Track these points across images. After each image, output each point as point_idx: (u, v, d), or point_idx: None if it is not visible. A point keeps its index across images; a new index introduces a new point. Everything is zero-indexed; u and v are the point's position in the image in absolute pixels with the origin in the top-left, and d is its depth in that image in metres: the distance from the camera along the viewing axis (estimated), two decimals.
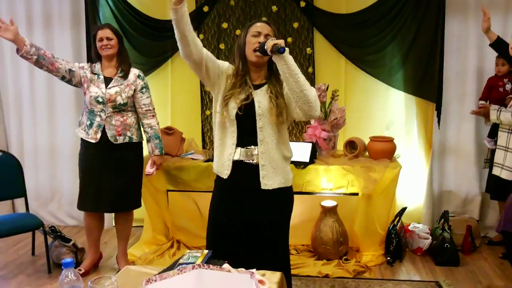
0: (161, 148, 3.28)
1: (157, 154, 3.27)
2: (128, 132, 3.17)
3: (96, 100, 3.10)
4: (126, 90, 3.13)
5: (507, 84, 3.68)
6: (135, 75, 3.19)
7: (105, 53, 3.13)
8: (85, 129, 3.17)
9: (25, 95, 4.50)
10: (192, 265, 1.50)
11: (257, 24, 2.21)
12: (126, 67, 3.18)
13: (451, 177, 4.17)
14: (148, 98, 3.22)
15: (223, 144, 2.26)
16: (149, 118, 3.23)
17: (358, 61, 4.08)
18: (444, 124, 4.04)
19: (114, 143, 3.13)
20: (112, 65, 3.19)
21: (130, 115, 3.19)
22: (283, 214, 2.35)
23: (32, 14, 4.38)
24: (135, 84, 3.17)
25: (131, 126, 3.19)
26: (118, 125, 3.13)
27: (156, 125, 3.25)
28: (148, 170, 3.29)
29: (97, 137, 3.12)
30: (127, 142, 3.17)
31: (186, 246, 3.84)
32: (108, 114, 3.12)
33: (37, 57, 2.97)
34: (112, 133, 3.12)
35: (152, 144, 3.26)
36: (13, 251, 3.91)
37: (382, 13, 3.93)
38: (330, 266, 3.46)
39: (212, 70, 2.20)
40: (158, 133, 3.27)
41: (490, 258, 3.66)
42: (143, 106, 3.20)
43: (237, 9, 4.10)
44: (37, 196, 4.54)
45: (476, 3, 3.88)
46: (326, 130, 3.72)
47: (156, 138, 3.25)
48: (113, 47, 3.14)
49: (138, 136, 3.25)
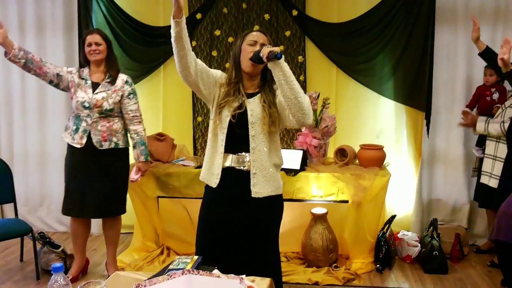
0: (146, 155, 3.26)
1: (142, 160, 3.25)
2: (114, 137, 3.16)
3: (83, 105, 3.09)
4: (113, 95, 3.13)
5: (495, 94, 3.73)
6: (122, 80, 3.19)
7: (93, 58, 3.13)
8: (71, 134, 3.16)
9: (16, 100, 4.49)
10: (182, 271, 1.50)
11: (253, 33, 2.23)
12: (114, 73, 3.18)
13: (440, 186, 4.21)
14: (135, 104, 3.21)
15: (214, 153, 2.27)
16: (136, 124, 3.21)
17: (349, 69, 4.12)
18: (433, 132, 4.08)
19: (100, 149, 3.12)
20: (100, 70, 3.19)
21: (116, 120, 3.18)
22: (273, 221, 2.35)
23: (25, 18, 4.38)
24: (123, 89, 3.16)
25: (117, 132, 3.18)
26: (104, 130, 3.12)
27: (142, 131, 3.23)
28: (133, 176, 3.27)
29: (82, 142, 3.11)
30: (112, 148, 3.16)
31: (176, 252, 3.82)
32: (94, 119, 3.11)
33: (25, 61, 2.98)
34: (97, 138, 3.11)
35: (138, 150, 3.23)
36: (1, 257, 3.88)
37: (373, 22, 3.98)
38: (320, 274, 3.47)
39: (206, 80, 2.21)
40: (144, 139, 3.25)
41: (478, 266, 3.69)
42: (129, 112, 3.19)
43: (229, 17, 4.13)
44: (26, 202, 4.51)
45: (465, 13, 3.95)
46: (317, 137, 3.74)
47: (142, 145, 3.23)
48: (102, 53, 3.14)
49: (124, 142, 3.23)
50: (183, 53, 2.05)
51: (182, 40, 2.01)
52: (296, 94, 2.05)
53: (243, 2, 4.09)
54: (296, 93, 2.05)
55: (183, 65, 2.09)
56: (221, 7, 4.12)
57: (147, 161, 3.29)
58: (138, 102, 3.26)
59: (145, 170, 3.33)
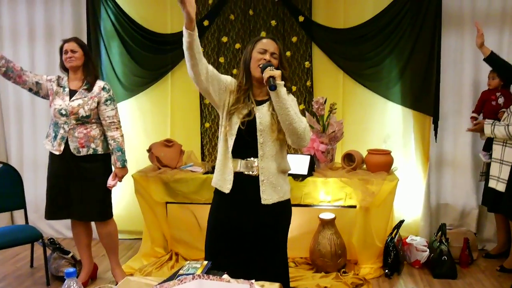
0: (122, 161, 3.21)
1: (119, 166, 3.21)
2: (93, 144, 3.16)
3: (60, 113, 3.12)
4: (89, 102, 3.13)
5: (500, 98, 3.73)
6: (99, 87, 3.20)
7: (68, 65, 3.16)
8: (50, 141, 3.19)
9: (26, 107, 4.54)
10: (192, 276, 1.52)
11: (264, 41, 2.25)
12: (91, 80, 3.19)
13: (448, 190, 4.19)
14: (112, 111, 3.20)
15: (225, 159, 2.28)
16: (113, 130, 3.20)
17: (356, 74, 4.12)
18: (441, 137, 4.08)
19: (78, 155, 3.13)
20: (77, 78, 3.21)
21: (94, 127, 3.18)
22: (281, 226, 2.36)
23: (34, 26, 4.43)
24: (99, 96, 3.17)
25: (96, 138, 3.18)
26: (81, 137, 3.13)
27: (119, 138, 3.20)
28: (109, 182, 3.23)
29: (60, 149, 3.13)
30: (91, 154, 3.16)
31: (184, 258, 3.84)
32: (71, 126, 3.12)
33: (5, 69, 3.02)
34: (74, 145, 3.13)
35: (115, 156, 3.21)
36: (11, 263, 3.91)
37: (379, 27, 3.99)
38: (328, 279, 3.47)
39: (217, 87, 2.24)
40: (121, 145, 3.21)
41: (488, 271, 3.67)
42: (107, 119, 3.18)
43: (236, 24, 4.16)
44: (36, 208, 4.53)
45: (471, 18, 3.95)
46: (324, 142, 3.75)
47: (118, 151, 3.19)
48: (77, 59, 3.15)
49: (104, 148, 3.22)
50: (193, 62, 2.09)
51: (193, 50, 2.05)
52: (291, 120, 2.10)
53: (249, 9, 4.12)
54: (291, 120, 2.10)
55: (194, 73, 2.13)
56: (228, 14, 4.15)
57: (123, 167, 3.23)
58: (116, 108, 3.25)
59: (122, 176, 3.27)
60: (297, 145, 2.19)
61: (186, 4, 1.90)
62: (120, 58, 4.31)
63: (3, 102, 4.59)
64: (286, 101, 2.09)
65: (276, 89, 2.07)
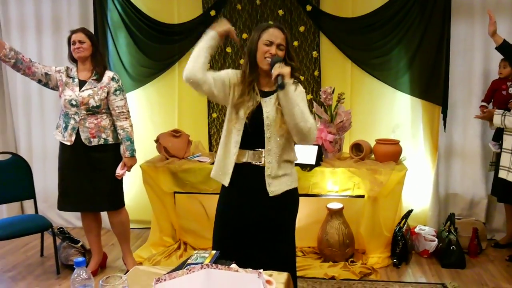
0: (131, 150, 3.24)
1: (128, 156, 3.24)
2: (103, 134, 3.19)
3: (70, 103, 3.13)
4: (99, 92, 3.15)
5: (510, 88, 3.69)
6: (109, 77, 3.21)
7: (77, 55, 3.16)
8: (61, 132, 3.21)
9: (34, 97, 4.57)
10: (201, 265, 1.52)
11: (270, 31, 2.18)
12: (100, 70, 3.20)
13: (457, 180, 4.17)
14: (122, 101, 3.22)
15: (227, 152, 2.27)
16: (122, 120, 3.22)
17: (364, 64, 4.09)
18: (450, 126, 4.05)
19: (89, 145, 3.16)
20: (86, 68, 3.22)
21: (105, 117, 3.20)
22: (289, 215, 2.36)
23: (41, 18, 4.45)
24: (109, 86, 3.18)
25: (106, 128, 3.20)
26: (92, 127, 3.15)
27: (128, 127, 3.23)
28: (118, 171, 3.25)
29: (71, 139, 3.16)
30: (102, 144, 3.18)
31: (192, 247, 3.86)
32: (82, 116, 3.14)
33: (15, 60, 3.03)
34: (86, 135, 3.15)
35: (124, 146, 3.23)
36: (21, 253, 3.96)
37: (388, 16, 3.95)
38: (336, 268, 3.48)
39: (221, 88, 2.21)
40: (130, 135, 3.23)
41: (497, 261, 3.66)
42: (116, 109, 3.20)
43: (243, 13, 4.14)
44: (46, 198, 4.57)
45: (482, 6, 3.90)
46: (332, 132, 3.73)
47: (127, 140, 3.22)
48: (85, 50, 3.16)
49: (114, 138, 3.24)
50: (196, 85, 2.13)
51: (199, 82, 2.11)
52: (296, 120, 2.07)
53: None
54: (296, 119, 2.07)
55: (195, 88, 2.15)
56: (234, 3, 4.13)
57: (132, 157, 3.26)
58: (126, 98, 3.27)
59: (131, 165, 3.30)
60: (301, 142, 2.18)
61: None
62: (127, 49, 4.31)
63: (12, 93, 4.62)
64: (293, 100, 2.06)
65: (284, 88, 2.03)
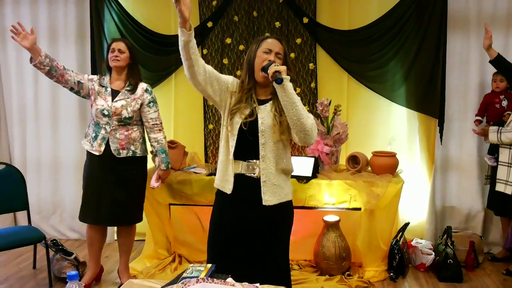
0: (167, 163, 3.28)
1: (163, 168, 3.27)
2: (132, 146, 3.17)
3: (102, 113, 3.12)
4: (133, 104, 3.15)
5: (504, 101, 3.71)
6: (142, 89, 3.21)
7: (113, 64, 3.16)
8: (90, 141, 3.18)
9: (29, 107, 4.54)
10: (196, 279, 1.50)
11: (269, 41, 2.22)
12: (134, 81, 3.19)
13: (454, 193, 4.16)
14: (155, 113, 3.23)
15: (227, 160, 2.26)
16: (156, 132, 3.22)
17: (361, 76, 4.10)
18: (446, 139, 4.05)
19: (117, 157, 3.14)
20: (121, 79, 3.21)
21: (135, 129, 3.20)
22: (283, 228, 2.34)
23: (38, 27, 4.42)
24: (142, 98, 3.18)
25: (136, 140, 3.19)
26: (122, 138, 3.14)
27: (162, 140, 3.25)
28: (153, 184, 3.30)
29: (101, 149, 3.13)
30: (130, 156, 3.17)
31: (187, 260, 3.82)
32: (113, 127, 3.13)
33: (49, 68, 3.02)
34: (115, 146, 3.13)
35: (158, 158, 3.26)
36: (14, 264, 3.90)
37: (384, 29, 3.97)
38: (333, 282, 3.44)
39: (217, 87, 2.22)
40: (165, 147, 3.26)
41: (493, 274, 3.64)
42: (150, 120, 3.20)
43: (240, 25, 4.15)
44: (39, 209, 4.54)
45: (477, 19, 3.93)
46: (329, 144, 3.73)
47: (162, 153, 3.25)
48: (122, 60, 3.16)
49: (142, 151, 3.25)
50: (189, 62, 2.07)
51: (188, 51, 2.03)
52: (299, 115, 2.05)
53: (253, 10, 4.10)
54: (299, 115, 2.05)
55: (191, 73, 2.11)
56: (232, 15, 4.15)
57: (167, 169, 3.31)
58: (159, 110, 3.28)
59: (165, 178, 3.36)
60: (304, 142, 2.14)
61: (180, 2, 1.90)
62: None
63: (7, 104, 4.59)
64: (293, 95, 2.05)
65: (283, 82, 2.02)
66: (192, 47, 2.04)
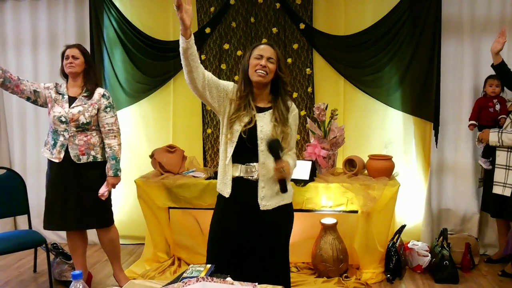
0: (115, 170, 3.18)
1: (111, 175, 3.17)
2: (92, 151, 3.15)
3: (59, 120, 3.10)
4: (90, 109, 3.12)
5: (497, 105, 3.75)
6: (99, 94, 3.18)
7: (68, 71, 3.14)
8: (49, 149, 3.16)
9: (29, 112, 4.57)
10: (196, 278, 1.54)
11: (260, 47, 2.27)
12: (91, 87, 3.17)
13: (450, 195, 4.21)
14: (112, 118, 3.18)
15: (225, 165, 2.29)
16: (111, 138, 3.17)
17: (357, 81, 4.16)
18: (441, 142, 4.10)
19: (78, 163, 3.11)
20: (77, 85, 3.19)
21: (94, 134, 3.17)
22: (283, 230, 2.38)
23: (38, 34, 4.48)
24: (99, 103, 3.15)
25: (95, 146, 3.16)
26: (81, 144, 3.12)
27: (116, 146, 3.17)
28: (101, 190, 3.18)
29: (60, 156, 3.11)
30: (91, 162, 3.14)
31: (187, 263, 3.85)
32: (71, 133, 3.10)
33: (3, 79, 2.99)
34: (75, 152, 3.11)
35: (108, 164, 3.17)
36: (14, 268, 3.93)
37: (379, 34, 4.03)
38: (331, 284, 3.48)
39: (216, 94, 2.26)
40: (116, 154, 3.18)
41: (489, 276, 3.68)
42: (106, 126, 3.17)
43: (238, 31, 4.20)
44: (39, 214, 4.48)
45: (471, 24, 4.00)
46: (326, 148, 3.77)
47: (113, 159, 3.16)
48: (77, 66, 3.14)
49: (103, 155, 3.20)
50: (189, 68, 2.12)
51: (188, 58, 2.09)
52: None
53: (251, 16, 4.16)
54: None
55: (190, 79, 2.16)
56: (229, 21, 4.20)
57: (116, 176, 3.19)
58: (116, 116, 3.24)
59: (113, 184, 3.23)
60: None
61: (182, 10, 1.95)
62: (123, 65, 4.35)
63: (7, 109, 4.63)
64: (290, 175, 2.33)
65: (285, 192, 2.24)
66: (191, 54, 2.09)
